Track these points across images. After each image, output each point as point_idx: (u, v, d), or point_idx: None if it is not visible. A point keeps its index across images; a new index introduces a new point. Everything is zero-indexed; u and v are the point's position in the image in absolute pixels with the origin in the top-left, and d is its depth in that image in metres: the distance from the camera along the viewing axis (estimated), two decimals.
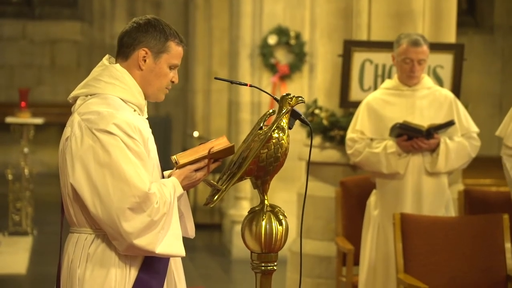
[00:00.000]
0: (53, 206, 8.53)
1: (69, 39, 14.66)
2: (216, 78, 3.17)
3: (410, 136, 4.86)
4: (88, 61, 14.17)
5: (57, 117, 12.26)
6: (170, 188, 2.81)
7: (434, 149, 4.90)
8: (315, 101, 6.20)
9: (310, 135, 6.04)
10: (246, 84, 3.07)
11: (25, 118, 9.10)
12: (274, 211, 2.90)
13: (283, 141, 2.85)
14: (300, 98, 2.89)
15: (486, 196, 5.41)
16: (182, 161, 2.86)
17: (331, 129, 6.02)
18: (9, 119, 9.13)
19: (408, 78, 4.93)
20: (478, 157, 5.13)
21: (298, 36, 8.24)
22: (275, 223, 2.87)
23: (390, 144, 4.90)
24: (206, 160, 2.86)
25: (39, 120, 9.18)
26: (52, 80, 14.59)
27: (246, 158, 2.83)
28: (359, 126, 4.99)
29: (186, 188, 2.88)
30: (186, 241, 2.92)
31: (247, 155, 2.84)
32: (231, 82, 3.10)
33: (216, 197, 2.86)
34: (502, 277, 4.47)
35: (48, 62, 14.67)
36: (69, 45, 14.68)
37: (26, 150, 9.15)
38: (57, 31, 14.63)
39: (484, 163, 7.61)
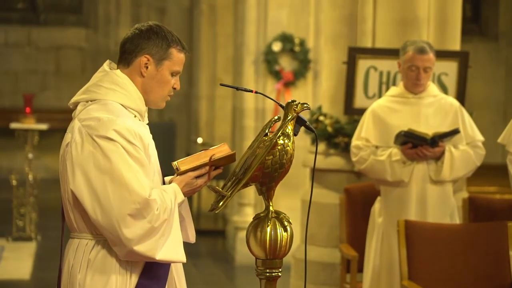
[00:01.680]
0: (57, 211, 8.51)
1: (74, 45, 14.69)
2: (221, 85, 3.18)
3: (415, 144, 4.86)
4: (93, 67, 14.17)
5: (61, 123, 12.22)
6: (170, 195, 2.81)
7: (439, 157, 4.89)
8: (319, 108, 6.20)
9: (315, 142, 6.07)
10: (251, 91, 3.08)
11: (30, 124, 9.12)
12: (279, 217, 2.90)
13: (288, 148, 2.85)
14: (305, 105, 2.90)
15: (490, 203, 5.41)
16: (183, 167, 2.87)
17: (335, 136, 6.02)
18: (13, 125, 9.15)
19: (414, 85, 4.93)
20: (482, 165, 5.13)
21: (302, 43, 8.25)
22: (280, 229, 2.87)
23: (395, 152, 4.90)
24: (207, 167, 2.87)
25: (43, 126, 9.19)
26: (57, 86, 14.62)
27: (251, 164, 2.84)
28: (364, 133, 4.99)
29: (186, 194, 2.89)
30: (189, 247, 2.92)
31: (252, 161, 2.84)
32: (237, 89, 3.10)
33: (221, 203, 2.86)
34: (507, 285, 4.46)
35: (52, 68, 14.70)
36: (74, 51, 14.71)
37: (30, 155, 9.16)
38: (62, 37, 14.66)
39: (488, 171, 7.60)
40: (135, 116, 2.89)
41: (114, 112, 2.82)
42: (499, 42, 12.72)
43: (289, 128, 2.87)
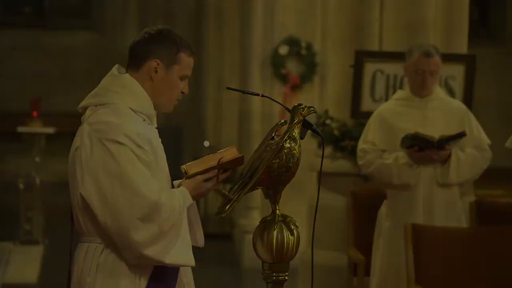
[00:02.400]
0: (65, 215, 8.50)
1: (81, 49, 14.73)
2: (228, 88, 3.18)
3: (421, 147, 4.85)
4: (100, 71, 14.14)
5: (68, 127, 12.24)
6: (179, 198, 2.82)
7: (445, 160, 4.89)
8: (326, 111, 6.20)
9: (321, 145, 6.07)
10: (258, 94, 3.08)
11: (37, 128, 9.13)
12: (285, 221, 2.90)
13: (294, 151, 2.86)
14: (312, 108, 2.90)
15: (497, 207, 5.40)
16: (191, 171, 2.87)
17: (342, 139, 6.02)
18: (20, 129, 9.16)
19: (420, 89, 4.92)
20: (489, 168, 5.12)
21: (309, 47, 8.24)
22: (286, 233, 2.87)
23: (402, 155, 4.90)
24: (216, 171, 2.87)
25: (50, 130, 9.20)
26: (64, 89, 14.65)
27: (257, 168, 2.84)
28: (371, 137, 4.99)
29: (195, 198, 2.89)
30: (196, 250, 2.92)
31: (258, 165, 2.84)
32: (243, 92, 3.11)
33: (228, 206, 2.86)
34: None
35: (60, 72, 14.73)
36: (81, 55, 14.75)
37: (37, 159, 9.17)
38: (69, 41, 14.70)
39: (495, 174, 7.59)
40: (144, 120, 2.90)
41: (123, 116, 2.83)
42: (507, 45, 12.71)
43: (296, 132, 2.88)
